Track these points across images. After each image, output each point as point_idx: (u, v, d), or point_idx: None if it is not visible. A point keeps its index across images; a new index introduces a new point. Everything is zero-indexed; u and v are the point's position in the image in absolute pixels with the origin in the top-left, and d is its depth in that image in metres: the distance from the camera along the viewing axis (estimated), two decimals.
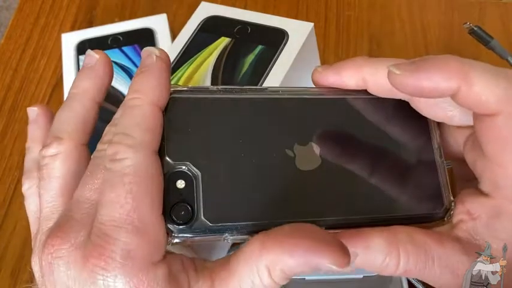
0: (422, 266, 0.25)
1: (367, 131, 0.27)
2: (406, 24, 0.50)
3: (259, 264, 0.23)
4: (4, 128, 0.46)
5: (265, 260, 0.23)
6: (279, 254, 0.22)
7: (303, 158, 0.25)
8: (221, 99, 0.25)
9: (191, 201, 0.23)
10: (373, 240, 0.25)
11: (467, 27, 0.40)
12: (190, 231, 0.23)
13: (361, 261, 0.25)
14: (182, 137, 0.24)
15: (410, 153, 0.28)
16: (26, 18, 0.53)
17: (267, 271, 0.23)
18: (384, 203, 0.26)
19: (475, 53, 0.45)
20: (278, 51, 0.35)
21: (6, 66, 0.49)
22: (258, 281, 0.23)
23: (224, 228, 0.23)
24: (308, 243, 0.22)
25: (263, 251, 0.23)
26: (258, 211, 0.24)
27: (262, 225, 0.24)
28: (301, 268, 0.23)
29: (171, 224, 0.23)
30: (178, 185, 0.23)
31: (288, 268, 0.23)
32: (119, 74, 0.44)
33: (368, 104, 0.27)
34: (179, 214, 0.23)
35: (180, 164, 0.24)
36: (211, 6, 0.39)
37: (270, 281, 0.23)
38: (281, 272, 0.23)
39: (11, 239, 0.43)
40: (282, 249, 0.22)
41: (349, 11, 0.51)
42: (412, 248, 0.25)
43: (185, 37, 0.38)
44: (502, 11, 0.49)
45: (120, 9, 0.53)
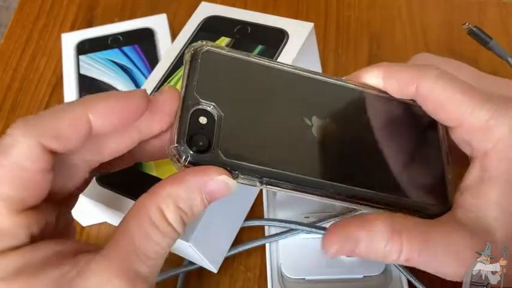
0: (425, 255, 0.25)
1: (383, 121, 0.29)
2: (406, 25, 0.50)
3: (150, 209, 0.22)
4: (4, 128, 0.46)
5: (156, 201, 0.22)
6: (169, 188, 0.22)
7: (319, 129, 0.27)
8: (252, 63, 0.28)
9: (210, 135, 0.25)
10: (377, 225, 0.25)
11: (467, 28, 0.40)
12: (205, 159, 0.24)
13: (364, 247, 0.25)
14: (213, 83, 0.26)
15: (418, 148, 0.29)
16: (26, 18, 0.53)
17: (160, 214, 0.22)
18: (390, 186, 0.27)
19: (474, 53, 0.45)
20: (278, 51, 0.35)
21: (6, 66, 0.49)
22: (152, 229, 0.22)
23: (236, 165, 0.25)
24: (194, 171, 0.23)
25: (152, 194, 0.22)
26: (270, 159, 0.25)
27: (272, 172, 0.25)
28: (194, 196, 0.23)
29: (189, 149, 0.24)
30: (201, 120, 0.25)
31: (181, 202, 0.22)
32: (119, 74, 0.44)
33: (388, 101, 0.29)
34: (197, 143, 0.24)
35: (207, 102, 0.25)
36: (211, 6, 0.39)
37: (166, 224, 0.22)
38: (176, 209, 0.22)
39: None
40: (171, 183, 0.23)
41: (349, 11, 0.51)
42: (416, 237, 0.25)
43: (185, 37, 0.38)
44: (502, 11, 0.49)
45: (120, 9, 0.53)
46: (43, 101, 0.47)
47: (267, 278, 0.34)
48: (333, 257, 0.26)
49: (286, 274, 0.34)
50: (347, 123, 0.28)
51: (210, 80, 0.26)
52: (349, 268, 0.34)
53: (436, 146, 0.30)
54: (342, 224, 0.26)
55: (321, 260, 0.34)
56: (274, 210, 0.37)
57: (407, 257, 0.25)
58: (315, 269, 0.34)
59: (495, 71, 0.42)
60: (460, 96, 0.26)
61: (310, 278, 0.34)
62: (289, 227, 0.34)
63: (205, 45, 0.27)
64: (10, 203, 0.21)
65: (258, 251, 0.37)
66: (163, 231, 0.22)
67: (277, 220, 0.35)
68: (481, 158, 0.26)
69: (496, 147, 0.25)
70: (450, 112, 0.26)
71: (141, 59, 0.45)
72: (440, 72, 0.27)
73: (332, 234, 0.26)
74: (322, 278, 0.34)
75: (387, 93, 0.29)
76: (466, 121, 0.26)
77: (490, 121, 0.25)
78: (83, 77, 0.44)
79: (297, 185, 0.26)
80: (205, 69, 0.26)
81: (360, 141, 0.28)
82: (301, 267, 0.34)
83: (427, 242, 0.25)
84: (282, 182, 0.25)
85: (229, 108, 0.26)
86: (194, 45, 0.27)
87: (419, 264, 0.25)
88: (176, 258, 0.36)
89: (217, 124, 0.25)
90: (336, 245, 0.25)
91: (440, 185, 0.28)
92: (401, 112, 0.29)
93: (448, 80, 0.26)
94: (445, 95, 0.26)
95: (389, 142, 0.28)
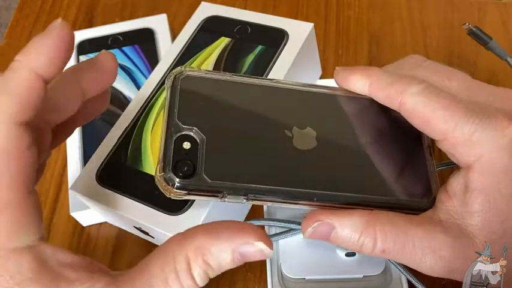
0: (401, 246, 0.26)
1: (364, 124, 0.30)
2: (406, 25, 0.50)
3: (177, 256, 0.21)
4: None
5: (185, 249, 0.21)
6: (203, 240, 0.21)
7: (299, 139, 0.28)
8: (231, 82, 0.29)
9: (194, 159, 0.26)
10: (351, 218, 0.26)
11: (466, 28, 0.40)
12: (191, 184, 0.25)
13: (338, 236, 0.26)
14: (194, 107, 0.28)
15: (401, 148, 0.30)
16: (26, 18, 0.53)
17: (186, 264, 0.21)
18: (372, 186, 0.28)
19: (474, 53, 0.45)
20: (278, 51, 0.35)
21: (6, 66, 0.49)
22: (173, 278, 0.21)
23: (222, 186, 0.26)
24: (232, 227, 0.22)
25: (183, 241, 0.21)
26: (254, 176, 0.26)
27: (257, 188, 0.26)
28: (225, 255, 0.21)
29: (175, 177, 0.25)
30: (184, 145, 0.26)
31: (211, 257, 0.21)
32: (119, 74, 0.44)
33: (370, 105, 0.30)
34: (182, 169, 0.25)
35: (188, 127, 0.27)
36: (211, 6, 0.39)
37: (189, 277, 0.21)
38: (203, 264, 0.21)
39: None
40: (206, 234, 0.22)
41: (349, 11, 0.51)
42: (391, 229, 0.26)
43: (185, 37, 0.38)
44: (502, 11, 0.49)
45: (120, 9, 0.53)
46: None
47: (267, 278, 0.34)
48: (309, 238, 0.27)
49: (286, 274, 0.34)
50: (325, 128, 0.29)
51: (190, 104, 0.28)
52: (349, 268, 0.34)
53: (418, 139, 0.30)
54: (322, 211, 0.27)
55: (321, 260, 0.34)
56: (274, 210, 0.37)
57: (382, 248, 0.26)
58: (315, 269, 0.34)
59: (495, 71, 0.42)
60: (442, 112, 0.26)
61: (310, 278, 0.34)
62: (289, 227, 0.34)
63: (185, 71, 0.28)
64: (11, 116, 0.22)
65: None
66: (183, 284, 0.21)
67: (277, 220, 0.35)
68: (465, 169, 0.26)
69: (479, 161, 0.25)
70: (434, 127, 0.26)
71: (141, 59, 0.45)
72: (424, 87, 0.27)
73: (310, 217, 0.27)
74: (322, 278, 0.34)
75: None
76: (449, 135, 0.26)
77: (474, 135, 0.25)
78: None
79: (282, 198, 0.27)
80: (185, 94, 0.28)
81: (339, 144, 0.29)
82: (301, 267, 0.34)
83: (405, 235, 0.26)
84: (267, 197, 0.26)
85: (211, 130, 0.27)
86: (174, 72, 0.28)
87: (395, 256, 0.26)
88: None
89: (200, 147, 0.26)
90: (312, 227, 0.27)
91: (424, 178, 0.29)
92: (379, 110, 0.30)
93: (431, 96, 0.26)
94: (428, 111, 0.26)
95: (371, 145, 0.29)
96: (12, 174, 0.21)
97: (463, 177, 0.26)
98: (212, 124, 0.27)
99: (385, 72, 0.29)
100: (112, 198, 0.31)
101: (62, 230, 0.40)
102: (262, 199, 0.26)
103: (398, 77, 0.28)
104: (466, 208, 0.26)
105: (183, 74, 0.28)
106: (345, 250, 0.34)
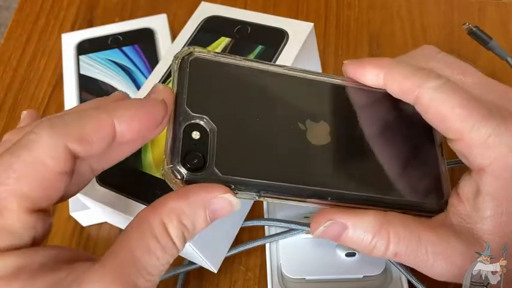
0: (413, 250, 0.25)
1: (376, 120, 0.29)
2: (406, 24, 0.50)
3: (152, 222, 0.22)
4: (4, 128, 0.46)
5: (159, 214, 0.22)
6: (174, 203, 0.22)
7: (313, 133, 0.27)
8: (242, 67, 0.27)
9: (204, 151, 0.24)
10: (364, 218, 0.26)
11: (467, 28, 0.40)
12: (201, 178, 0.24)
13: (349, 237, 0.26)
14: (204, 93, 0.25)
15: (413, 147, 0.29)
16: (26, 18, 0.53)
17: (163, 229, 0.22)
18: (385, 186, 0.27)
19: (474, 53, 0.45)
20: (278, 51, 0.35)
21: (6, 66, 0.49)
22: (154, 243, 0.21)
23: (233, 181, 0.24)
24: (198, 187, 0.23)
25: (155, 208, 0.22)
26: (267, 171, 0.25)
27: (270, 185, 0.24)
28: (198, 213, 0.22)
29: (184, 169, 0.23)
30: (193, 135, 0.24)
31: (185, 217, 0.22)
32: (119, 74, 0.44)
33: (381, 98, 0.29)
34: (192, 161, 0.24)
35: (199, 116, 0.25)
36: (211, 6, 0.39)
37: (168, 239, 0.22)
38: (179, 225, 0.22)
39: None
40: (176, 198, 0.22)
41: (349, 11, 0.51)
42: (404, 232, 0.25)
43: (185, 37, 0.38)
44: (502, 11, 0.49)
45: (120, 9, 0.53)
46: (43, 101, 0.47)
47: (267, 278, 0.34)
48: (318, 237, 0.26)
49: (286, 274, 0.34)
50: (340, 123, 0.28)
51: (200, 90, 0.25)
52: (349, 268, 0.34)
53: (430, 136, 0.29)
54: (334, 210, 0.26)
55: (321, 260, 0.34)
56: (274, 210, 0.37)
57: (395, 251, 0.25)
58: (315, 269, 0.34)
59: (495, 71, 0.42)
60: (460, 111, 0.25)
61: (310, 278, 0.34)
62: (289, 227, 0.34)
63: (193, 52, 0.26)
64: (24, 200, 0.21)
65: (258, 251, 0.37)
66: (164, 245, 0.22)
67: (277, 220, 0.35)
68: (478, 172, 0.26)
69: (493, 165, 0.25)
70: (450, 125, 0.26)
71: (141, 59, 0.45)
72: (443, 83, 0.26)
73: (321, 215, 0.26)
74: (322, 278, 0.34)
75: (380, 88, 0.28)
76: (465, 136, 0.25)
77: (490, 139, 0.25)
78: (83, 77, 0.44)
79: (295, 196, 0.25)
80: (194, 79, 0.25)
81: (353, 142, 0.28)
82: (301, 267, 0.34)
83: (418, 239, 0.25)
84: (280, 194, 0.25)
85: (222, 119, 0.25)
86: (181, 53, 0.26)
87: (405, 260, 0.26)
88: (176, 258, 0.35)
89: (210, 138, 0.24)
90: (323, 226, 0.26)
91: (436, 179, 0.28)
92: (391, 104, 0.29)
93: (450, 92, 0.25)
94: (446, 108, 0.25)
95: (384, 142, 0.28)
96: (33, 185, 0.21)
97: (475, 181, 0.26)
98: (223, 113, 0.25)
99: (398, 63, 0.27)
100: (112, 198, 0.31)
101: (61, 230, 0.40)
102: (274, 196, 0.25)
103: (414, 69, 0.27)
104: (478, 213, 0.25)
105: (192, 55, 0.26)
106: (345, 250, 0.34)
